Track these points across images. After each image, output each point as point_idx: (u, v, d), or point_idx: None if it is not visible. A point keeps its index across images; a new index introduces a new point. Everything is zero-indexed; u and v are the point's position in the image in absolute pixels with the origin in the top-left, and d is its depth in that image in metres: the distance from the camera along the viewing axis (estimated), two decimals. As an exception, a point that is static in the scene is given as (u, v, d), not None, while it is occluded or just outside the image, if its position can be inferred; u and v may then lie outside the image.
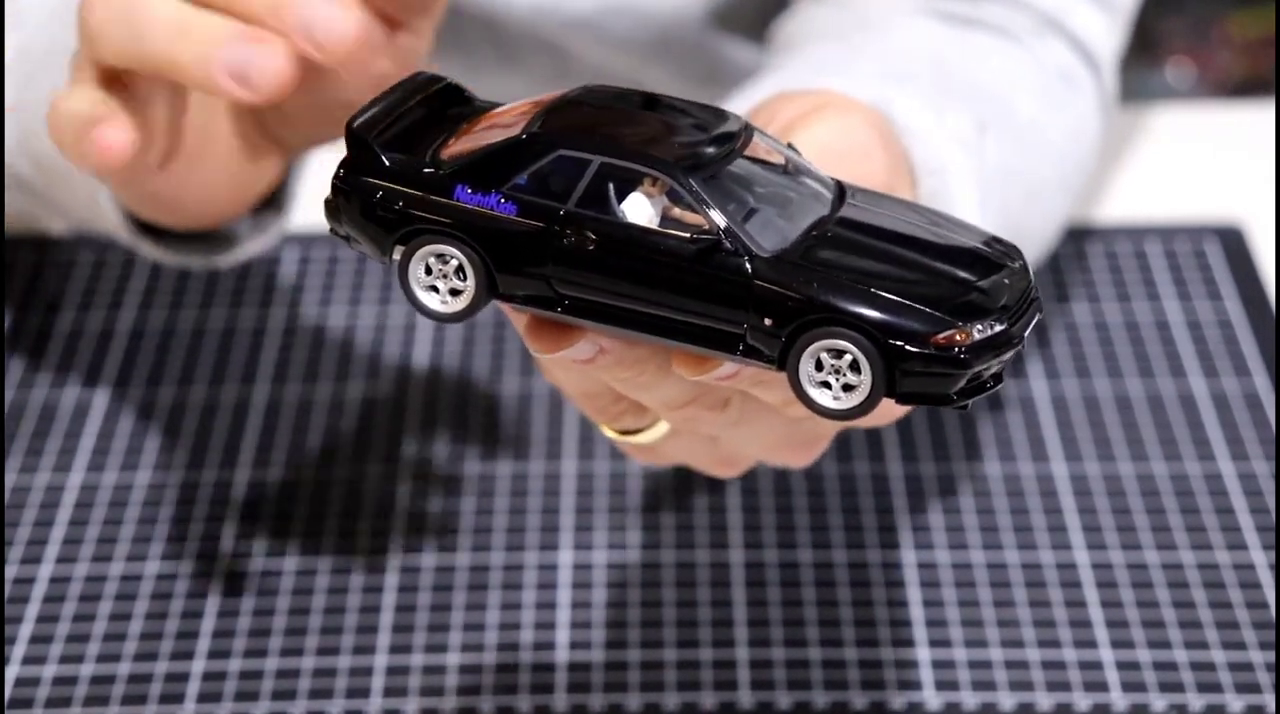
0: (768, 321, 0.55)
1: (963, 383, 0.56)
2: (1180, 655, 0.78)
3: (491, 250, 0.57)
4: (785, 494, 0.85)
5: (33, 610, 0.81)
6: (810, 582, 0.81)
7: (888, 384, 0.55)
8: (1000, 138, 0.83)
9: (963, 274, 0.57)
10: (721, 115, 0.59)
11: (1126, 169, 1.05)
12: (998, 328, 0.56)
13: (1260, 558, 0.82)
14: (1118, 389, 0.91)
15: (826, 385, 0.56)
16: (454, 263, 0.57)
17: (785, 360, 0.56)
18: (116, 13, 0.66)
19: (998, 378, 0.57)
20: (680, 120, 0.59)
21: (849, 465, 0.87)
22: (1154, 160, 1.06)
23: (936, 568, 0.82)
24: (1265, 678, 0.77)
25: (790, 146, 0.60)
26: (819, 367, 0.56)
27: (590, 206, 0.56)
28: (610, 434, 0.66)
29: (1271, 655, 0.78)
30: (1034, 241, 0.87)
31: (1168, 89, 1.85)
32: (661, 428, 0.65)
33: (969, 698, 0.77)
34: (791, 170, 0.59)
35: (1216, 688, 0.77)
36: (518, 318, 0.59)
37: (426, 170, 0.58)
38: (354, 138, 0.59)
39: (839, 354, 0.55)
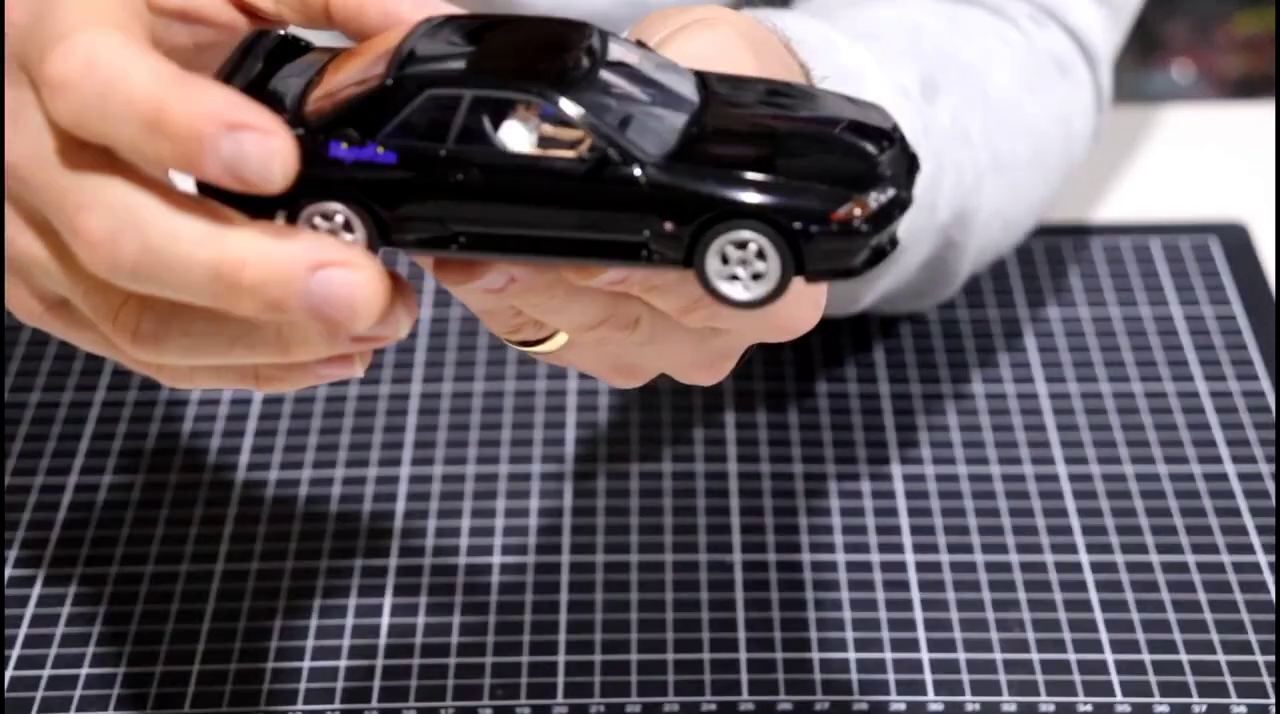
0: (668, 226, 0.55)
1: (866, 253, 0.56)
2: (1183, 657, 0.78)
3: (378, 200, 0.56)
4: (786, 495, 0.85)
5: (31, 610, 0.80)
6: (811, 583, 0.81)
7: (796, 266, 0.55)
8: (962, 104, 0.83)
9: (847, 143, 0.57)
10: (573, 25, 0.59)
11: (1129, 168, 1.05)
12: (890, 193, 0.56)
13: (1263, 559, 0.82)
14: (1120, 389, 0.91)
15: (735, 277, 0.56)
16: (339, 218, 0.56)
17: (690, 261, 0.56)
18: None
19: (894, 242, 0.57)
20: (536, 39, 0.58)
21: (851, 466, 0.87)
22: (1156, 160, 1.06)
23: (939, 569, 0.82)
24: (1269, 680, 0.77)
25: (641, 44, 0.60)
26: (725, 261, 0.56)
27: (470, 141, 0.56)
28: (512, 344, 0.66)
29: (1274, 657, 0.78)
30: (999, 216, 0.87)
31: (1170, 88, 1.85)
32: (561, 338, 0.65)
33: (971, 700, 0.76)
34: (652, 70, 0.58)
35: (1220, 690, 0.77)
36: (417, 258, 0.59)
37: (295, 131, 0.56)
38: None
39: (743, 245, 0.55)
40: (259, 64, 0.59)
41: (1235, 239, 0.99)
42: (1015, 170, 0.87)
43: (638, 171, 0.55)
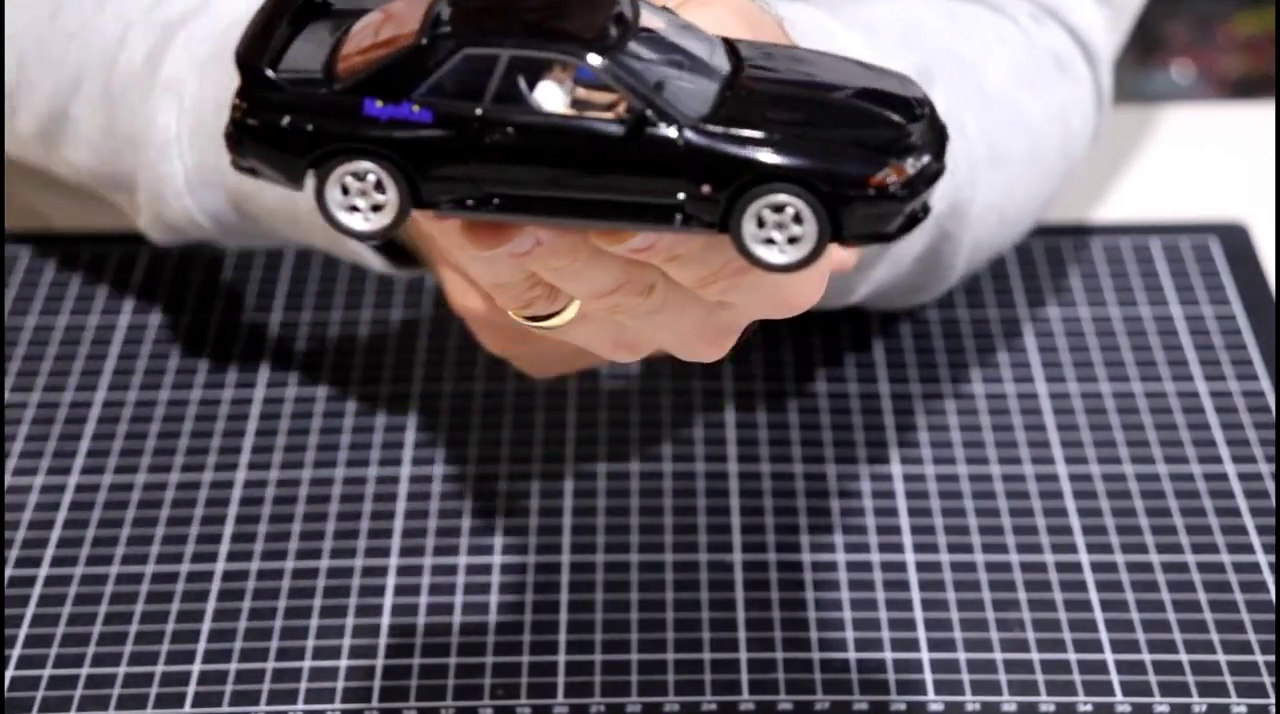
0: (705, 188, 0.55)
1: (901, 219, 0.56)
2: (1183, 657, 0.78)
3: (412, 160, 0.56)
4: (787, 495, 0.85)
5: (31, 611, 0.80)
6: (811, 583, 0.81)
7: (833, 229, 0.55)
8: (958, 97, 0.83)
9: (880, 112, 0.57)
10: None
11: (1129, 168, 1.05)
12: (925, 159, 0.56)
13: (1263, 559, 0.82)
14: (1120, 389, 0.91)
15: (771, 241, 0.56)
16: (372, 178, 0.56)
17: (725, 224, 0.56)
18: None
19: (926, 209, 0.57)
20: (568, 2, 0.58)
21: (851, 466, 0.87)
22: (1156, 160, 1.06)
23: (939, 569, 0.82)
24: (1268, 679, 0.77)
25: (668, 10, 0.60)
26: (760, 224, 0.56)
27: (506, 102, 0.55)
28: (518, 319, 0.66)
29: (1274, 657, 0.78)
30: (994, 210, 0.87)
31: (1170, 89, 1.85)
32: (570, 312, 0.65)
33: (971, 700, 0.76)
34: (681, 36, 0.58)
35: (1220, 690, 0.77)
36: (443, 224, 0.58)
37: (329, 89, 0.56)
38: (248, 68, 0.57)
39: (780, 208, 0.55)
40: (286, 24, 0.59)
41: (1235, 239, 0.99)
42: (1012, 166, 0.87)
43: (675, 133, 0.55)
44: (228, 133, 0.57)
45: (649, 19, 0.58)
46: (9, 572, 0.82)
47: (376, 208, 0.56)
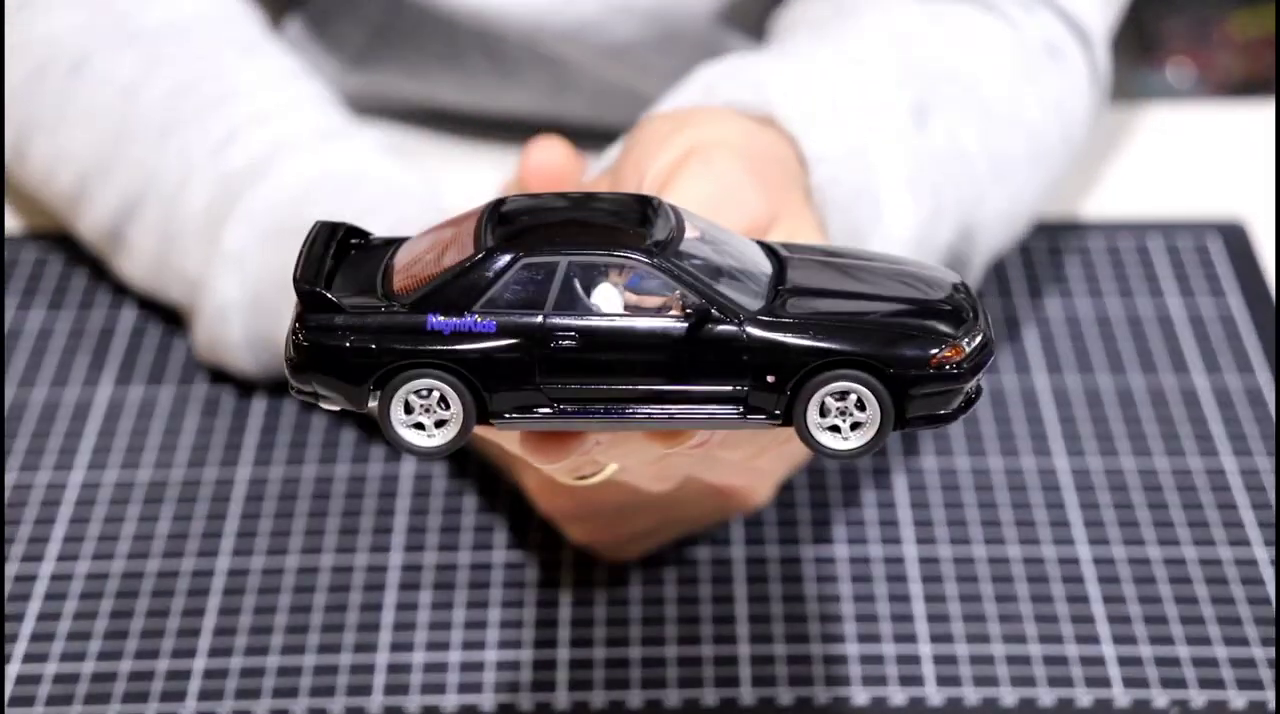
0: (770, 378, 0.56)
1: (961, 398, 0.57)
2: (1182, 651, 0.78)
3: (477, 372, 0.56)
4: (787, 490, 0.85)
5: (34, 608, 0.80)
6: (812, 577, 0.81)
7: (896, 413, 0.56)
8: (955, 118, 0.83)
9: (925, 296, 0.59)
10: (644, 199, 0.60)
11: (1129, 166, 1.05)
12: (979, 337, 0.58)
13: (1262, 553, 0.82)
14: (1120, 384, 0.91)
15: (835, 428, 0.56)
16: (435, 395, 0.57)
17: (789, 413, 0.57)
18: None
19: (979, 390, 0.59)
20: (612, 209, 0.60)
21: (850, 460, 0.87)
22: (1156, 158, 1.06)
23: (938, 562, 0.82)
24: (1267, 674, 0.77)
25: (699, 216, 0.61)
26: (823, 412, 0.57)
27: (566, 308, 0.56)
28: (565, 480, 0.66)
29: (1273, 651, 0.78)
30: (1002, 219, 0.87)
31: (1168, 89, 1.85)
32: (612, 467, 0.66)
33: (970, 693, 0.77)
34: (722, 236, 0.60)
35: (1218, 684, 0.77)
36: (501, 436, 0.59)
37: (388, 307, 0.57)
38: (308, 293, 0.57)
39: (843, 396, 0.56)
40: (329, 254, 0.59)
41: (1235, 236, 1.00)
42: (1015, 172, 0.87)
43: (737, 327, 0.56)
44: (289, 360, 0.57)
45: (690, 223, 0.59)
46: (11, 569, 0.82)
47: (439, 423, 0.57)
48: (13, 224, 1.01)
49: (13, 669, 0.78)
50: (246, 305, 0.88)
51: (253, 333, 0.88)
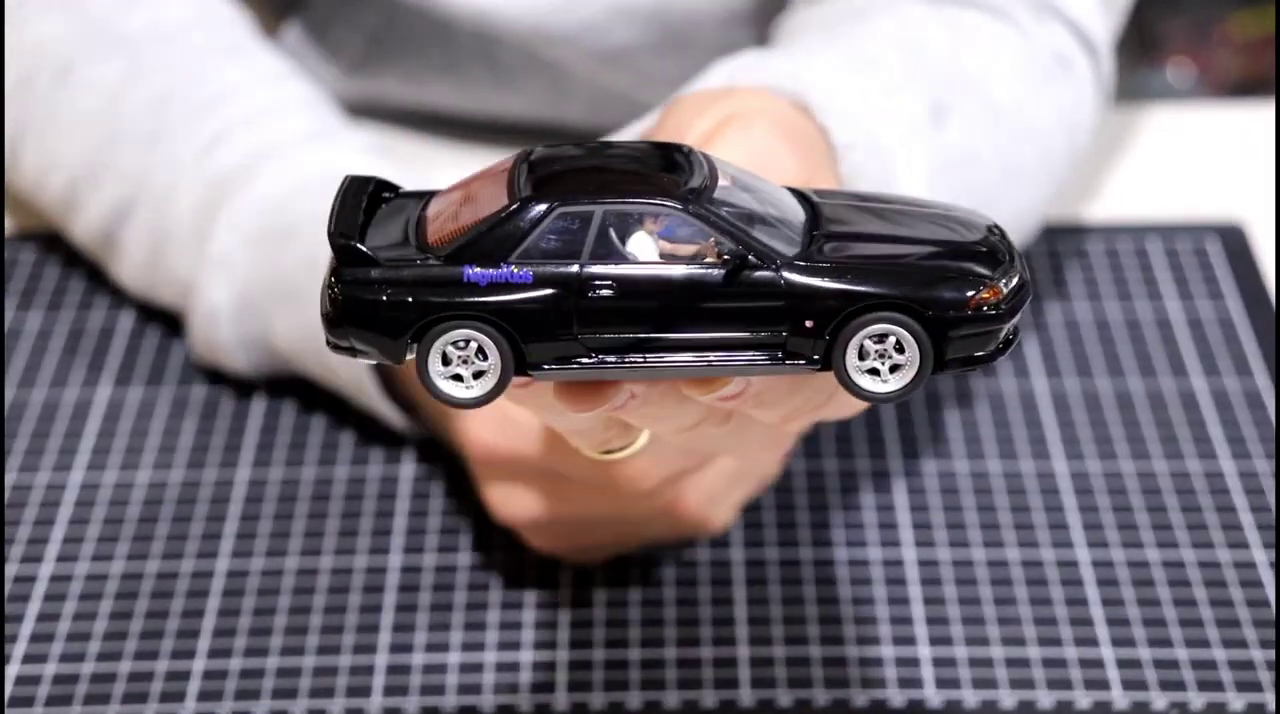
0: (809, 324, 0.56)
1: (998, 342, 0.57)
2: (1181, 653, 0.78)
3: (514, 323, 0.56)
4: (786, 491, 0.85)
5: (33, 609, 0.81)
6: (811, 579, 0.81)
7: (935, 355, 0.56)
8: (969, 121, 0.83)
9: (962, 238, 0.59)
10: (677, 147, 0.60)
11: (1128, 168, 1.05)
12: (1016, 279, 0.58)
13: (1261, 556, 0.82)
14: (1119, 387, 0.91)
15: (874, 372, 0.56)
16: (473, 346, 0.57)
17: (827, 359, 0.57)
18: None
19: (1016, 332, 0.59)
20: (645, 157, 0.60)
21: (850, 462, 0.87)
22: (1155, 159, 1.06)
23: (937, 565, 0.82)
24: (1266, 676, 0.77)
25: (730, 163, 0.61)
26: (861, 356, 0.57)
27: (603, 256, 0.56)
28: (593, 455, 0.66)
29: (1272, 654, 0.78)
30: (1010, 225, 0.87)
31: (1168, 89, 1.85)
32: (641, 442, 0.65)
33: (969, 695, 0.77)
34: (755, 182, 0.60)
35: (1217, 686, 0.77)
36: (532, 387, 0.59)
37: (423, 260, 0.57)
38: (344, 247, 0.57)
39: (882, 338, 0.56)
40: (361, 208, 0.59)
41: (1234, 238, 1.00)
42: (1024, 177, 0.87)
43: (774, 273, 0.56)
44: (325, 314, 0.57)
45: (722, 171, 0.59)
46: (11, 570, 0.82)
47: (478, 374, 0.57)
48: (12, 225, 1.01)
49: (13, 669, 0.78)
50: (236, 308, 0.88)
51: (244, 335, 0.89)
